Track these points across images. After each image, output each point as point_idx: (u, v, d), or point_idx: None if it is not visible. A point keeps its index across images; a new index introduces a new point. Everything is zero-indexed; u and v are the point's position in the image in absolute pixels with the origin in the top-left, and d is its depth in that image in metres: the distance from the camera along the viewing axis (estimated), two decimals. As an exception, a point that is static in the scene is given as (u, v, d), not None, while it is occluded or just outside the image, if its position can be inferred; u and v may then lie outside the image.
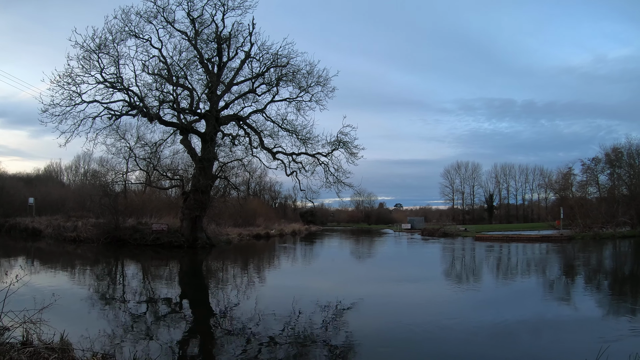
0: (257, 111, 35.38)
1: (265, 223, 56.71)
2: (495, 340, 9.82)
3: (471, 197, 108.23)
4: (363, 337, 9.89)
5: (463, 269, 25.62)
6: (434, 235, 56.43)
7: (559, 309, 13.67)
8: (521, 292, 16.77)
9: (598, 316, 12.65)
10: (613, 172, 52.77)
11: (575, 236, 42.92)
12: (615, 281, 19.79)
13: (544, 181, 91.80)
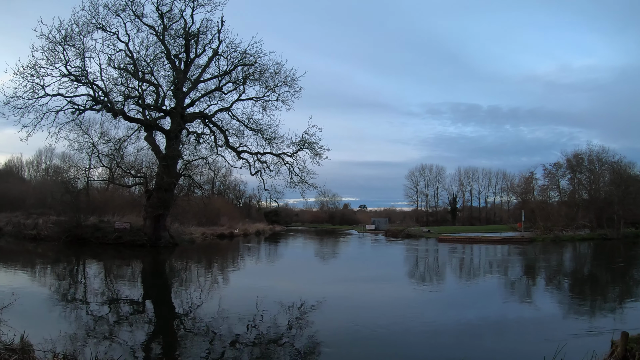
0: (223, 109, 35.11)
1: (229, 222, 56.20)
2: (460, 339, 10.01)
3: (435, 199, 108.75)
4: (327, 338, 9.91)
5: (426, 269, 25.98)
6: (397, 236, 56.88)
7: (521, 309, 14.10)
8: (484, 292, 17.17)
9: (559, 315, 13.06)
10: (574, 177, 54.56)
11: (536, 238, 43.95)
12: (575, 282, 20.45)
13: (507, 185, 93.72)
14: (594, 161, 52.09)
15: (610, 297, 16.51)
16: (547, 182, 57.82)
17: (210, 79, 35.28)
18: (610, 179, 50.01)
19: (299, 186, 35.35)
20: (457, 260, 30.65)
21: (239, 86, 34.77)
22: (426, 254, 35.04)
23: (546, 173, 57.13)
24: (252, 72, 34.30)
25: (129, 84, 31.79)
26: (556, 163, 55.80)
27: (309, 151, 34.67)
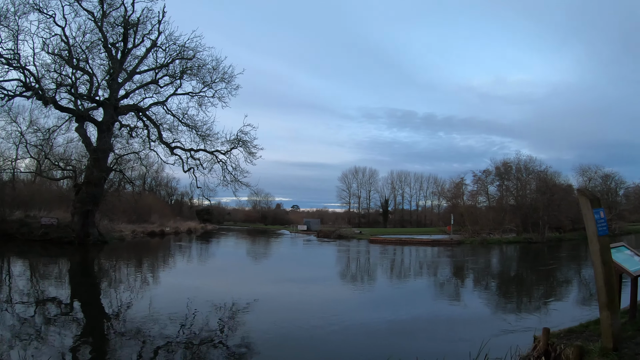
0: (158, 103, 34.36)
1: (161, 220, 55.08)
2: (393, 338, 10.28)
3: (367, 202, 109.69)
4: (259, 339, 9.94)
5: (358, 270, 26.42)
6: (329, 237, 57.34)
7: (451, 308, 14.61)
8: (415, 292, 17.76)
9: (487, 314, 13.74)
10: (502, 184, 56.69)
11: (464, 241, 45.50)
12: (502, 282, 21.29)
13: (438, 189, 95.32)
14: (521, 169, 54.41)
15: (535, 296, 17.33)
16: (477, 188, 60.08)
17: (146, 70, 34.45)
18: (537, 186, 52.21)
19: (232, 185, 35.23)
20: (388, 261, 31.19)
21: (176, 80, 34.20)
22: (358, 255, 35.54)
23: (476, 179, 59.40)
24: (190, 67, 33.85)
25: (62, 71, 30.53)
26: (485, 170, 58.16)
27: (243, 150, 34.61)
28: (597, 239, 6.51)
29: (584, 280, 20.00)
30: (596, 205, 6.63)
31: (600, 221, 6.56)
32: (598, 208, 6.63)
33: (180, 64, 33.81)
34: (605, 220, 6.70)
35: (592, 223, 6.56)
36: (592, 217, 6.55)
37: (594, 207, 6.58)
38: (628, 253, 8.58)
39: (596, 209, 6.60)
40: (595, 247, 6.55)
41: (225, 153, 34.83)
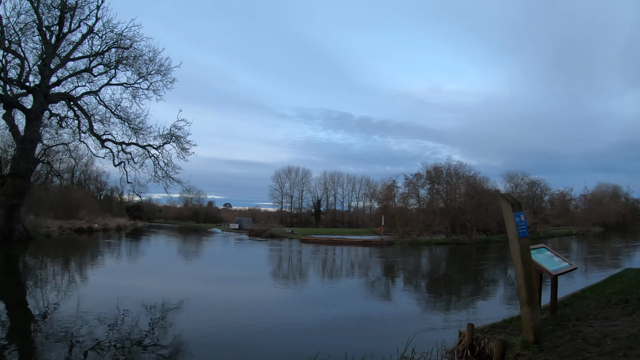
0: (91, 93, 33.04)
1: (89, 216, 53.39)
2: (326, 336, 10.47)
3: (300, 202, 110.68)
4: (192, 339, 9.85)
5: (291, 269, 26.51)
6: (261, 236, 57.42)
7: (382, 306, 15.01)
8: (347, 291, 17.97)
9: (417, 311, 14.15)
10: (432, 187, 58.34)
11: (394, 242, 46.16)
12: (431, 281, 21.93)
13: (370, 191, 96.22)
14: (452, 174, 56.20)
15: (463, 295, 17.98)
16: (408, 191, 61.43)
17: (81, 58, 32.96)
18: (466, 191, 53.93)
19: (163, 181, 34.49)
20: (320, 260, 31.44)
21: (110, 69, 33.04)
22: (289, 254, 35.64)
23: (407, 182, 60.78)
24: (126, 57, 32.80)
25: (-9, 53, 28.71)
26: (417, 174, 59.58)
27: (176, 145, 33.96)
28: (517, 241, 6.93)
29: (509, 280, 20.74)
30: (517, 209, 7.07)
31: (520, 224, 6.99)
32: (519, 212, 7.08)
33: (116, 53, 32.74)
34: (525, 223, 7.13)
35: (513, 226, 6.98)
36: (513, 220, 6.97)
37: (515, 211, 7.02)
38: (548, 254, 9.17)
39: (517, 212, 7.03)
40: (515, 248, 6.97)
41: (157, 148, 34.04)
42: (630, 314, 8.63)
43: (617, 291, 11.30)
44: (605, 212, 76.63)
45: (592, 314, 8.94)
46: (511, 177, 66.87)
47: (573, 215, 75.77)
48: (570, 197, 79.62)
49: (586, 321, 8.33)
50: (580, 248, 42.12)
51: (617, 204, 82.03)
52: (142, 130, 33.63)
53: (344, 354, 7.82)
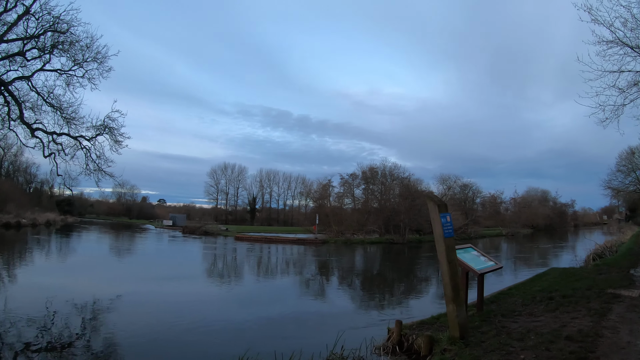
0: (23, 78, 31.16)
1: (17, 210, 51.22)
2: (259, 334, 10.54)
3: (235, 199, 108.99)
4: (124, 340, 9.71)
5: (225, 267, 26.37)
6: (195, 233, 56.96)
7: (315, 304, 15.20)
8: (281, 289, 18.20)
9: (351, 309, 14.39)
10: (367, 187, 59.08)
11: (328, 240, 46.68)
12: (364, 279, 22.29)
13: (305, 189, 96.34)
14: (386, 175, 57.17)
15: (396, 292, 18.40)
16: (343, 190, 62.22)
17: (14, 40, 31.13)
18: (400, 191, 54.98)
19: (95, 174, 33.01)
20: (254, 258, 31.51)
21: (45, 54, 31.16)
22: (224, 252, 35.50)
23: (343, 182, 61.59)
24: (62, 42, 30.91)
25: None
26: (353, 174, 60.23)
27: (109, 137, 32.76)
28: (443, 240, 7.18)
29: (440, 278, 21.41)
30: (443, 210, 7.33)
31: (446, 224, 7.25)
32: (445, 213, 7.33)
33: (52, 38, 30.87)
34: (451, 223, 7.38)
35: (439, 226, 7.22)
36: (439, 220, 7.21)
37: (441, 212, 7.27)
38: (474, 254, 9.55)
39: (443, 213, 7.29)
40: (441, 248, 7.22)
41: (90, 139, 32.25)
42: (553, 310, 9.06)
43: (542, 289, 11.81)
44: (534, 215, 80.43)
45: (517, 310, 9.32)
46: (444, 179, 69.03)
47: (503, 217, 79.28)
48: (501, 200, 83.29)
49: (511, 317, 8.68)
50: (510, 248, 43.80)
51: (545, 208, 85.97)
52: (75, 120, 31.77)
53: (274, 352, 7.85)
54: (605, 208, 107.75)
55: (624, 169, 71.01)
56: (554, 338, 6.91)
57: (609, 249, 23.77)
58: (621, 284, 12.01)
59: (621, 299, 10.05)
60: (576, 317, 8.41)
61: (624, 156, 69.19)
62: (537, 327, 7.73)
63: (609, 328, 7.50)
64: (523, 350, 6.45)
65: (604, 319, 8.16)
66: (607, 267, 16.36)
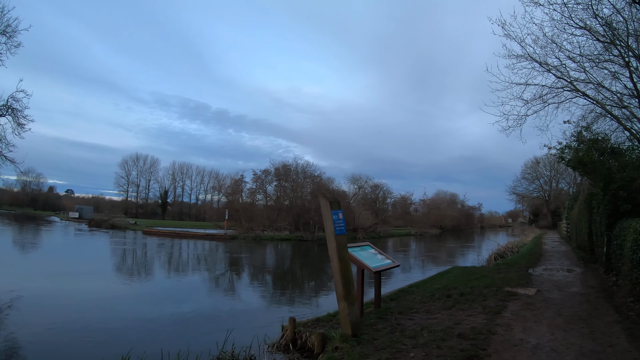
0: None
1: None
2: (175, 330, 10.32)
3: (146, 191, 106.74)
4: (28, 341, 9.12)
5: (133, 263, 25.52)
6: (101, 226, 55.85)
7: (216, 301, 14.83)
8: (184, 286, 17.76)
9: (253, 306, 14.10)
10: (280, 184, 59.20)
11: (238, 236, 46.68)
12: (271, 276, 22.03)
13: (218, 184, 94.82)
14: (298, 173, 57.63)
15: (302, 289, 18.38)
16: (256, 186, 61.99)
17: None
18: (311, 189, 55.44)
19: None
20: (162, 254, 30.79)
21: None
22: (133, 247, 34.61)
23: (255, 178, 61.26)
24: (-38, 10, 28.60)
25: None
26: (265, 170, 60.02)
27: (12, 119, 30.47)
28: (334, 237, 6.97)
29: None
30: (335, 207, 7.15)
31: (338, 221, 7.07)
32: (337, 210, 7.16)
33: None
34: (343, 221, 7.23)
35: (330, 223, 7.03)
36: (330, 217, 7.02)
37: (333, 209, 7.09)
38: (372, 252, 9.43)
39: (335, 210, 7.11)
40: (332, 245, 7.01)
41: None
42: (450, 308, 9.11)
43: (442, 286, 11.96)
44: (443, 216, 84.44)
45: (415, 307, 9.30)
46: (355, 179, 69.91)
47: (412, 217, 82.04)
48: (410, 201, 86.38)
49: (408, 314, 8.64)
50: (419, 247, 45.00)
51: (453, 210, 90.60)
52: (-28, 98, 29.50)
53: (159, 350, 7.60)
54: (510, 212, 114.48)
55: (529, 177, 76.32)
56: (447, 336, 6.88)
57: (510, 249, 24.92)
58: (519, 283, 12.39)
59: (517, 297, 10.30)
60: (471, 314, 8.47)
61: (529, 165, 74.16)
62: (431, 325, 7.70)
63: (503, 325, 7.57)
64: (414, 348, 6.37)
65: (499, 316, 8.26)
66: (507, 266, 16.95)
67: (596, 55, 13.23)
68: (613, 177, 13.32)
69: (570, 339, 6.78)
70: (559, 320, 8.04)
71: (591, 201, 16.52)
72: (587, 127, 16.70)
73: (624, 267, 10.35)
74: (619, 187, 12.53)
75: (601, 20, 11.38)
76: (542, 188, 77.94)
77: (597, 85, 13.71)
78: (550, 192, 75.08)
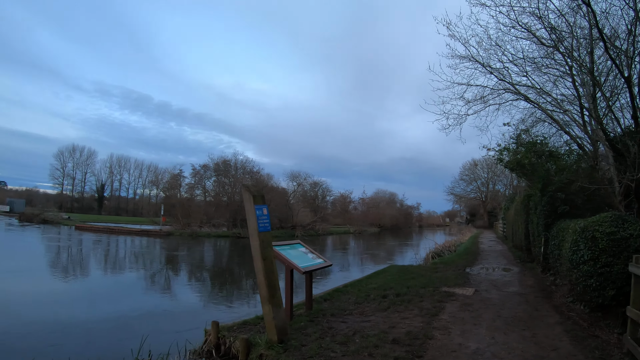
0: None
1: None
2: (87, 337, 9.50)
3: (82, 185, 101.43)
4: None
5: (67, 260, 24.03)
6: (32, 221, 53.91)
7: (150, 302, 13.96)
8: (113, 287, 16.69)
9: (190, 307, 13.28)
10: (219, 179, 58.10)
11: (174, 232, 45.67)
12: (206, 275, 21.06)
13: (156, 179, 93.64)
14: (237, 168, 56.88)
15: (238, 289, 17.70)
16: (194, 182, 61.01)
17: None
18: None
19: None
20: (90, 251, 29.28)
21: None
22: (63, 243, 32.96)
23: (194, 173, 60.30)
24: None
25: None
26: (204, 165, 58.96)
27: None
28: (257, 235, 6.42)
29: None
30: (259, 201, 6.60)
31: (262, 217, 6.53)
32: (261, 205, 6.62)
33: None
34: (267, 217, 6.69)
35: (253, 219, 6.47)
36: (253, 212, 6.47)
37: (257, 203, 6.54)
38: (302, 250, 8.87)
39: (258, 205, 6.56)
40: (255, 243, 6.46)
41: None
42: (385, 310, 8.72)
43: (378, 286, 11.60)
44: (382, 215, 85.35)
45: (349, 309, 8.87)
46: (294, 176, 69.71)
47: (352, 215, 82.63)
48: (350, 199, 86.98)
49: (341, 317, 8.18)
50: (357, 245, 44.95)
51: (392, 209, 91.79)
52: None
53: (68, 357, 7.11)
54: (448, 212, 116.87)
55: (467, 178, 78.56)
56: (380, 341, 6.45)
57: (448, 248, 25.10)
58: (456, 282, 12.23)
59: (455, 297, 10.07)
60: (407, 317, 8.08)
61: (467, 167, 76.31)
62: (364, 329, 7.25)
63: (440, 329, 7.22)
64: (344, 356, 5.91)
65: (436, 318, 7.92)
66: (444, 265, 16.90)
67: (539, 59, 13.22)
68: (551, 179, 13.50)
69: (511, 343, 6.50)
70: (499, 322, 7.78)
71: (528, 202, 16.71)
72: (527, 130, 17.06)
73: (562, 267, 10.30)
74: (558, 189, 12.68)
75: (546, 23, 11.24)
76: (479, 189, 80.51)
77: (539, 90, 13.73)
78: (487, 193, 77.59)
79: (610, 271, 7.33)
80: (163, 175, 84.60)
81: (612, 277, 7.29)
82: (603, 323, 7.54)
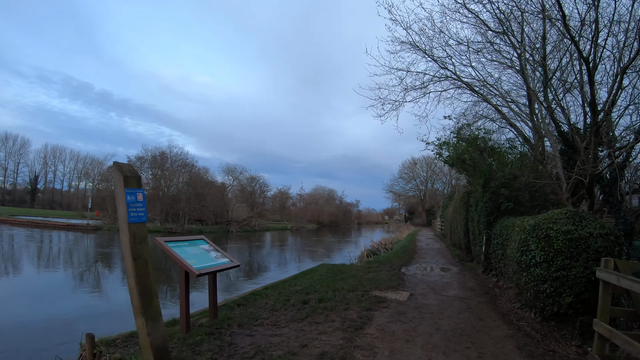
0: None
1: None
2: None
3: (15, 176, 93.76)
4: None
5: None
6: None
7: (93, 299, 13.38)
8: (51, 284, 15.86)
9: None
10: (155, 173, 55.66)
11: (102, 227, 43.73)
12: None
13: (93, 171, 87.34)
14: (172, 161, 55.21)
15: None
16: (129, 174, 58.10)
17: None
18: (184, 179, 53.90)
19: None
20: (19, 246, 27.76)
21: None
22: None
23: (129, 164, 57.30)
24: None
25: None
26: (140, 157, 55.97)
27: None
28: (127, 227, 4.84)
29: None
30: (133, 184, 4.99)
31: (134, 204, 4.92)
32: (135, 189, 4.99)
33: None
34: (143, 204, 5.07)
35: (123, 206, 4.87)
36: (124, 198, 4.86)
37: (129, 187, 4.94)
38: (204, 248, 7.33)
39: (131, 189, 4.95)
40: (125, 237, 4.88)
41: None
42: (302, 319, 7.42)
43: (302, 289, 10.32)
44: (320, 212, 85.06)
45: (262, 317, 7.55)
46: (230, 170, 68.14)
47: (290, 212, 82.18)
48: (288, 195, 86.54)
49: (249, 328, 6.87)
50: (294, 241, 44.06)
51: (331, 206, 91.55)
52: None
53: None
54: (387, 209, 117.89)
55: (406, 177, 79.33)
56: None
57: (384, 246, 24.28)
58: (390, 285, 11.05)
59: (387, 303, 8.86)
60: (325, 330, 6.75)
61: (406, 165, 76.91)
62: (271, 347, 5.92)
63: (364, 348, 5.91)
64: None
65: (360, 333, 6.60)
66: (379, 264, 15.77)
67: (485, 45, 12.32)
68: (494, 175, 12.68)
69: (453, 368, 5.22)
70: (437, 337, 6.54)
71: (469, 199, 15.90)
72: (469, 125, 16.49)
73: (507, 269, 9.41)
74: (501, 185, 11.87)
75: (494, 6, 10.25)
76: (418, 188, 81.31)
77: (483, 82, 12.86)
78: (426, 191, 78.43)
79: (567, 275, 6.38)
80: (100, 166, 79.88)
81: (570, 282, 6.35)
82: (558, 334, 6.59)
